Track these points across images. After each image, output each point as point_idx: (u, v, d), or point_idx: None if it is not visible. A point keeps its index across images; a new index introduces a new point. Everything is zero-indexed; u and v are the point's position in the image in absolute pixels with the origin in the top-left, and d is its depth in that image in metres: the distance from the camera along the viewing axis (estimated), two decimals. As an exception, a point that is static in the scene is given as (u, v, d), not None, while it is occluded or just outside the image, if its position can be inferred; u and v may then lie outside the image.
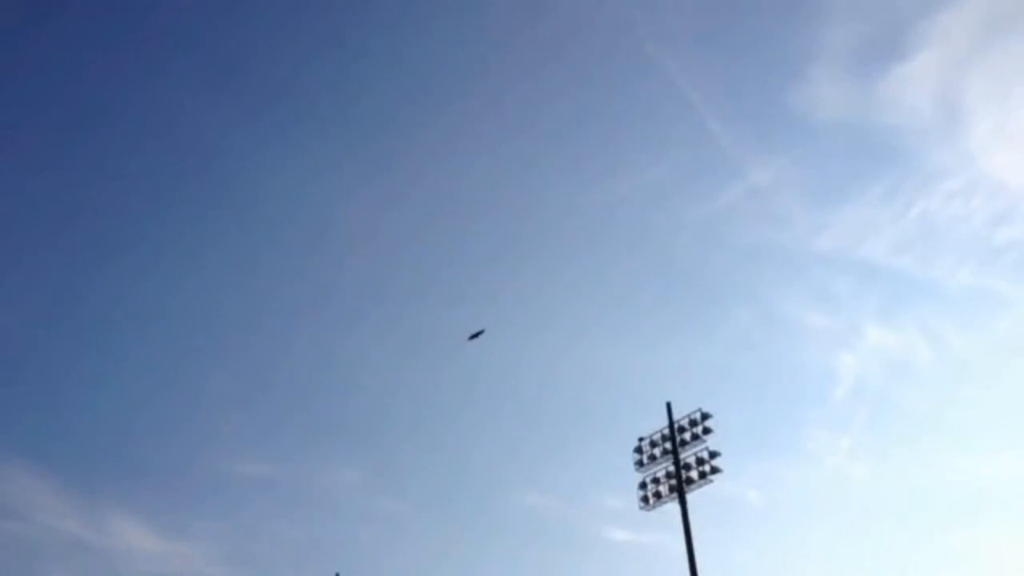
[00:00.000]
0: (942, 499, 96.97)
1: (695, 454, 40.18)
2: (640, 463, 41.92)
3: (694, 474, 39.87)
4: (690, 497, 39.66)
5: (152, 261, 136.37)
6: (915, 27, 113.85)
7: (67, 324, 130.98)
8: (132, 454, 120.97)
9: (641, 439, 42.20)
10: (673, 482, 40.21)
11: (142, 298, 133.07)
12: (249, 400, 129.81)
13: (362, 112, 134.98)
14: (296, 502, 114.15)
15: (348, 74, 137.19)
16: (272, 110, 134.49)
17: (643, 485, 41.46)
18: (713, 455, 39.77)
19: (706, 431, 40.34)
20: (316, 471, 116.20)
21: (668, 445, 41.05)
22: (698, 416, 40.70)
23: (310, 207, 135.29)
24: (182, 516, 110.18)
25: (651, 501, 41.01)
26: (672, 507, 39.99)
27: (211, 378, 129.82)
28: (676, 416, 41.38)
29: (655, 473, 41.24)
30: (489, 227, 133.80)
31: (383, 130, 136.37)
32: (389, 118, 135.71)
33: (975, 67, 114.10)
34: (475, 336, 40.69)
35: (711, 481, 39.74)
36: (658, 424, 41.85)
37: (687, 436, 40.62)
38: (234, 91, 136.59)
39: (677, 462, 40.38)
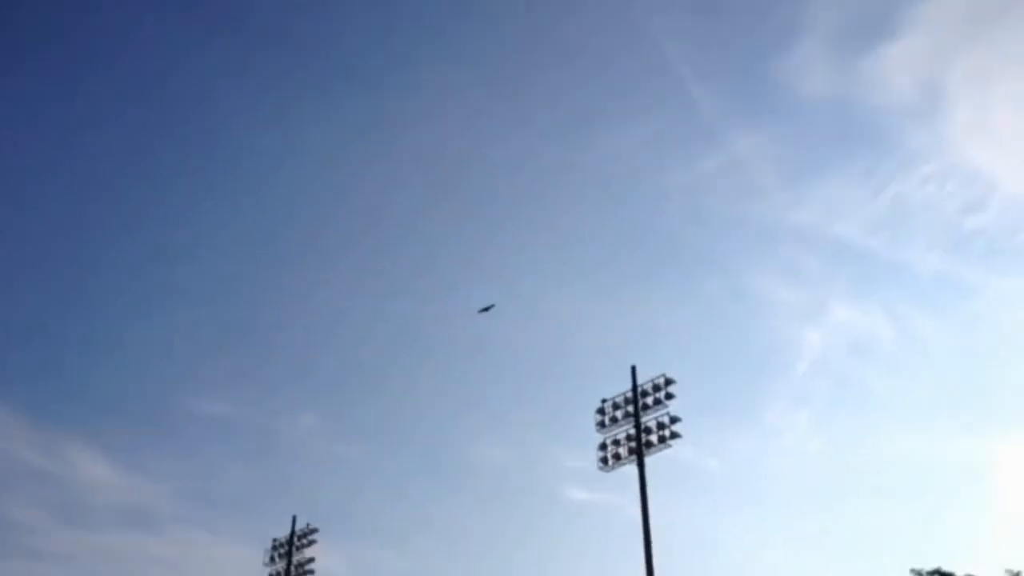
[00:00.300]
0: (890, 477, 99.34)
1: (656, 418, 40.62)
2: (602, 424, 42.29)
3: (654, 438, 40.32)
4: (649, 461, 40.14)
5: (134, 198, 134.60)
6: (905, 9, 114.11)
7: (40, 263, 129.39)
8: (97, 389, 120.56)
9: (604, 401, 42.57)
10: (633, 444, 40.67)
11: (115, 236, 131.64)
12: (218, 342, 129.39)
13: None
14: (257, 444, 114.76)
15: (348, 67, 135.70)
16: (278, 90, 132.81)
17: (603, 446, 41.89)
18: (674, 420, 40.22)
19: (668, 396, 40.75)
20: (279, 415, 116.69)
21: (630, 408, 41.44)
22: (661, 381, 41.08)
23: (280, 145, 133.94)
24: (144, 452, 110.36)
25: (610, 462, 41.46)
26: (630, 469, 40.46)
27: (183, 319, 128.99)
28: (640, 380, 41.80)
29: (616, 435, 41.67)
30: (468, 181, 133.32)
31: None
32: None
33: (961, 54, 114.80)
34: (485, 310, 41.30)
35: (670, 446, 40.22)
36: (622, 387, 42.29)
37: (649, 400, 41.04)
38: (241, 73, 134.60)
39: (638, 425, 40.81)
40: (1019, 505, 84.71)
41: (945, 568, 51.72)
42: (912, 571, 52.55)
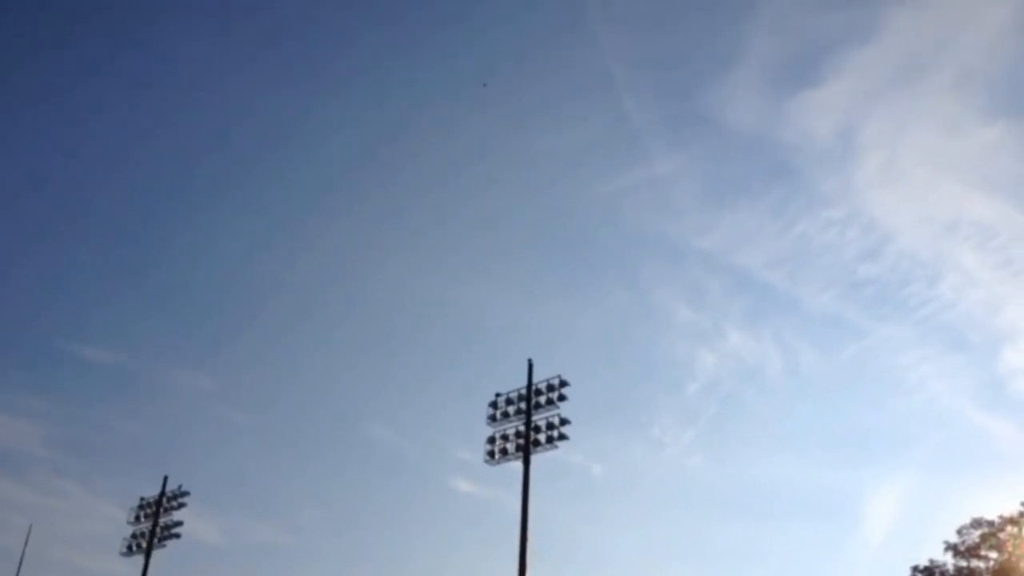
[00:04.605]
0: (763, 498, 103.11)
1: (547, 418, 40.73)
2: (494, 418, 42.22)
3: (542, 437, 40.42)
4: (535, 459, 40.20)
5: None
6: (833, 56, 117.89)
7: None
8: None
9: (498, 395, 42.50)
10: (521, 441, 40.75)
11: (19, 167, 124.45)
12: (117, 287, 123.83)
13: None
14: (145, 399, 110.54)
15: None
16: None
17: (492, 440, 41.81)
18: (563, 422, 40.40)
19: (561, 398, 40.89)
20: (172, 372, 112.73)
21: (523, 405, 41.52)
22: (556, 382, 41.21)
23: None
24: (19, 390, 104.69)
25: (497, 456, 41.41)
26: (516, 465, 40.46)
27: (83, 255, 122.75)
28: (536, 379, 41.89)
29: (506, 430, 41.64)
30: (390, 147, 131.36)
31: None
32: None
33: (877, 107, 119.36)
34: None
35: (557, 447, 40.40)
36: (517, 383, 42.31)
37: (543, 400, 41.10)
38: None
39: (528, 422, 40.90)
40: (878, 541, 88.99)
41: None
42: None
